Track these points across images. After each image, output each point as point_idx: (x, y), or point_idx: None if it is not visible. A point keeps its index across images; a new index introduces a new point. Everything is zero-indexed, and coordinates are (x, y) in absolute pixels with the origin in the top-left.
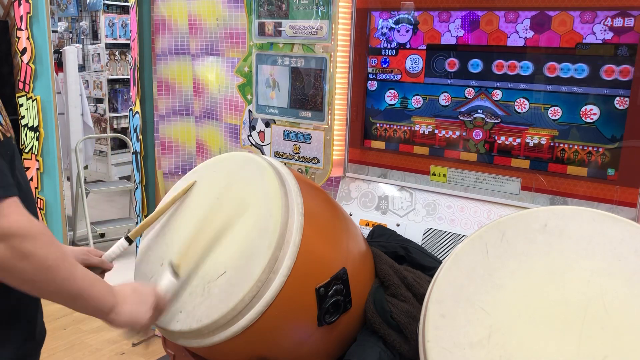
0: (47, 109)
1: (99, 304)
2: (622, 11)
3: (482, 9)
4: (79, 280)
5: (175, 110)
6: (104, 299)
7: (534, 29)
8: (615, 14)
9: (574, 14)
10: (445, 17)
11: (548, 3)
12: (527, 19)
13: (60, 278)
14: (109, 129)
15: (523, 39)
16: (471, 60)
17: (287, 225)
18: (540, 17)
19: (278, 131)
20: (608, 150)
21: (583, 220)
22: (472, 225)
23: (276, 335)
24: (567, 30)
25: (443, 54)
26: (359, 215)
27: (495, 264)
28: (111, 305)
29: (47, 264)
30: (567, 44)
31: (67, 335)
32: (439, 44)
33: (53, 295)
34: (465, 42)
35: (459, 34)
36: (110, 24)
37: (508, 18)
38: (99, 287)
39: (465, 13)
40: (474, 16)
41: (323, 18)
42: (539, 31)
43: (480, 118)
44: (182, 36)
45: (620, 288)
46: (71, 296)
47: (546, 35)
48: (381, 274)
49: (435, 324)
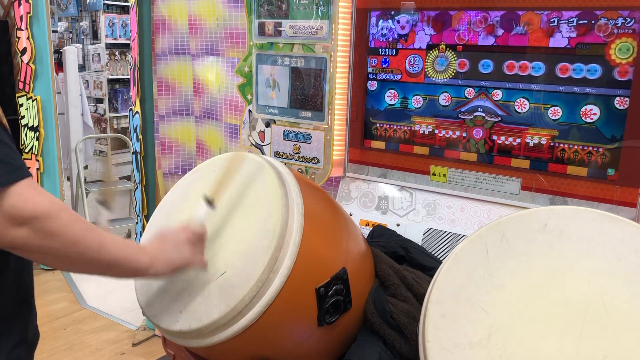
0: (47, 109)
1: (134, 266)
2: (627, 11)
3: (483, 9)
4: (111, 249)
5: (175, 110)
6: (138, 260)
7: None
8: (621, 14)
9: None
10: (447, 17)
11: (555, 3)
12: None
13: (90, 250)
14: (109, 129)
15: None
16: (473, 60)
17: (287, 226)
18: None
19: (278, 131)
20: (608, 150)
21: (583, 220)
22: (472, 225)
23: (276, 335)
24: None
25: (444, 53)
26: (359, 215)
27: (495, 264)
28: (147, 263)
29: (75, 238)
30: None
31: (67, 335)
32: (439, 43)
33: (89, 267)
34: (468, 42)
35: (462, 33)
36: (110, 24)
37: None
38: (130, 249)
39: (468, 13)
40: (477, 16)
41: (323, 18)
42: None
43: (480, 116)
44: (182, 36)
45: (620, 288)
46: (105, 265)
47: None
48: (381, 274)
49: (435, 324)
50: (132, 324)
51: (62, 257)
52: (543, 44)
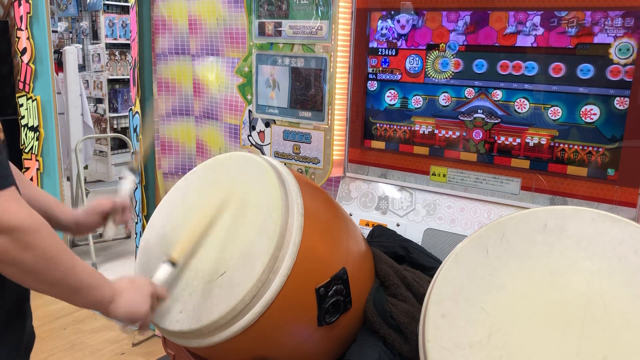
0: (47, 109)
1: (98, 296)
2: (627, 11)
3: (488, 8)
4: (79, 272)
5: (175, 110)
6: (102, 291)
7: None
8: (620, 14)
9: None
10: (448, 16)
11: (555, 3)
12: (537, 16)
13: (61, 269)
14: (109, 129)
15: (529, 39)
16: (473, 60)
17: (287, 226)
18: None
19: (278, 131)
20: (608, 150)
21: (583, 221)
22: (472, 225)
23: (276, 335)
24: None
25: (444, 53)
26: (359, 215)
27: (495, 264)
28: (110, 296)
29: (49, 255)
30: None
31: (67, 335)
32: (439, 43)
33: (53, 287)
34: (468, 42)
35: (464, 33)
36: (110, 24)
37: (517, 18)
38: (97, 278)
39: (470, 13)
40: (481, 16)
41: (323, 18)
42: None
43: (480, 118)
44: (182, 36)
45: (620, 288)
46: (71, 288)
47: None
48: (381, 274)
49: (435, 324)
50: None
51: (29, 271)
52: (543, 44)
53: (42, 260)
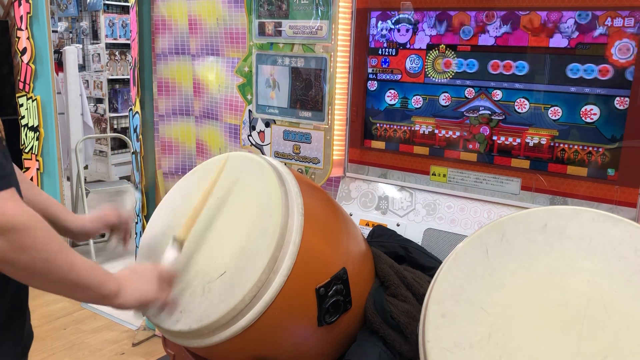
0: (47, 109)
1: (103, 291)
2: (627, 11)
3: (482, 9)
4: (80, 270)
5: (175, 110)
6: (106, 285)
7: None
8: (621, 14)
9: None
10: (447, 17)
11: (555, 3)
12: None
13: (59, 268)
14: (109, 129)
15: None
16: (473, 60)
17: (287, 226)
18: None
19: (278, 131)
20: (608, 150)
21: (583, 221)
22: (472, 225)
23: (276, 335)
24: None
25: (444, 53)
26: (359, 215)
27: (495, 264)
28: (115, 289)
29: (46, 255)
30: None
31: (67, 335)
32: (439, 43)
33: (54, 285)
34: (468, 42)
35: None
36: (110, 24)
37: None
38: (99, 274)
39: (468, 13)
40: (479, 16)
41: (323, 18)
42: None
43: (486, 115)
44: (182, 36)
45: (620, 288)
46: (72, 285)
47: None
48: (381, 274)
49: (435, 324)
50: (132, 324)
51: (30, 272)
52: (543, 44)
53: (40, 260)
